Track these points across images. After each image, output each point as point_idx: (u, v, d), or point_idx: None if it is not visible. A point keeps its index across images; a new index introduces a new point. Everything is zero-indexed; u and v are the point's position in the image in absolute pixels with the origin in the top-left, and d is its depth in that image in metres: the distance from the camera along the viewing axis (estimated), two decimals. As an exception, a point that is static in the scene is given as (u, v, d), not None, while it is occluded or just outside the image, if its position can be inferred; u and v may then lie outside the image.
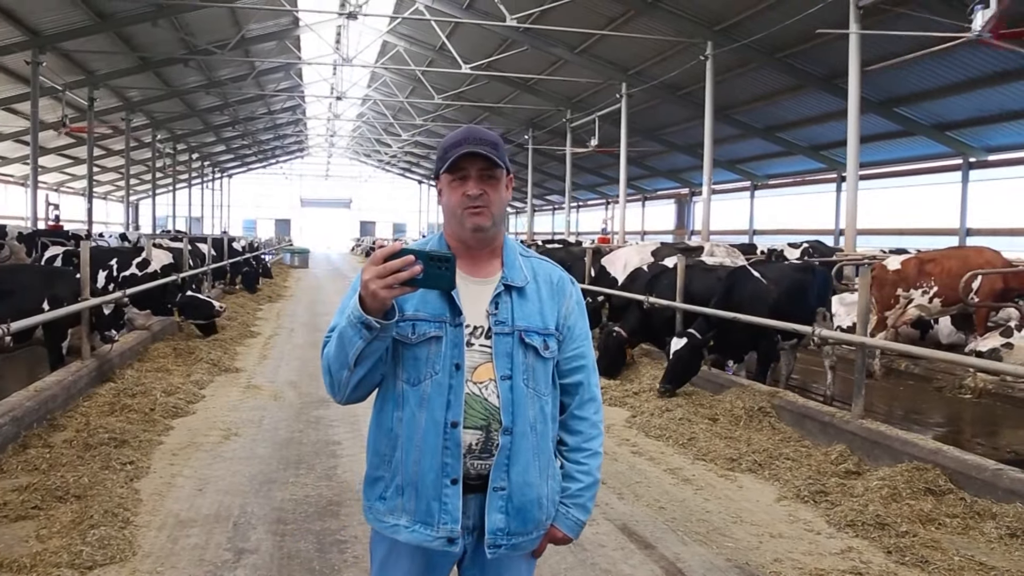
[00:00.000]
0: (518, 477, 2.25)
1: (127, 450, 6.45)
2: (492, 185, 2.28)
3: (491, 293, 2.31)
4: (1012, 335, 10.03)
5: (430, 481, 2.21)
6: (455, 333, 2.25)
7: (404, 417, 2.24)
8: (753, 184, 35.68)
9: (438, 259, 2.06)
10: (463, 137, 2.28)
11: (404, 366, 2.25)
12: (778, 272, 9.86)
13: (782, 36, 19.70)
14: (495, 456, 2.24)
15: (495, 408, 2.24)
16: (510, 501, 2.25)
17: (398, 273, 2.01)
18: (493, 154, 2.25)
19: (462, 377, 2.23)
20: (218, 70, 32.03)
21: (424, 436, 2.21)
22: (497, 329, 2.28)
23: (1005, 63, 18.43)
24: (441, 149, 2.32)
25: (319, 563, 4.58)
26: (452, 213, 2.30)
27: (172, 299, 11.78)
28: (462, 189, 2.27)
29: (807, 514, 5.57)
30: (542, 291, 2.38)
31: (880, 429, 6.71)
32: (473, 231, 2.29)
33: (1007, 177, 23.87)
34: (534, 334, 2.30)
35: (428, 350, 2.23)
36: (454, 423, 2.21)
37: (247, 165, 68.99)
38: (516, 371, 2.26)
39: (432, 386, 2.22)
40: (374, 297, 2.03)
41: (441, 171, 2.30)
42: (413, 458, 2.22)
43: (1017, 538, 4.92)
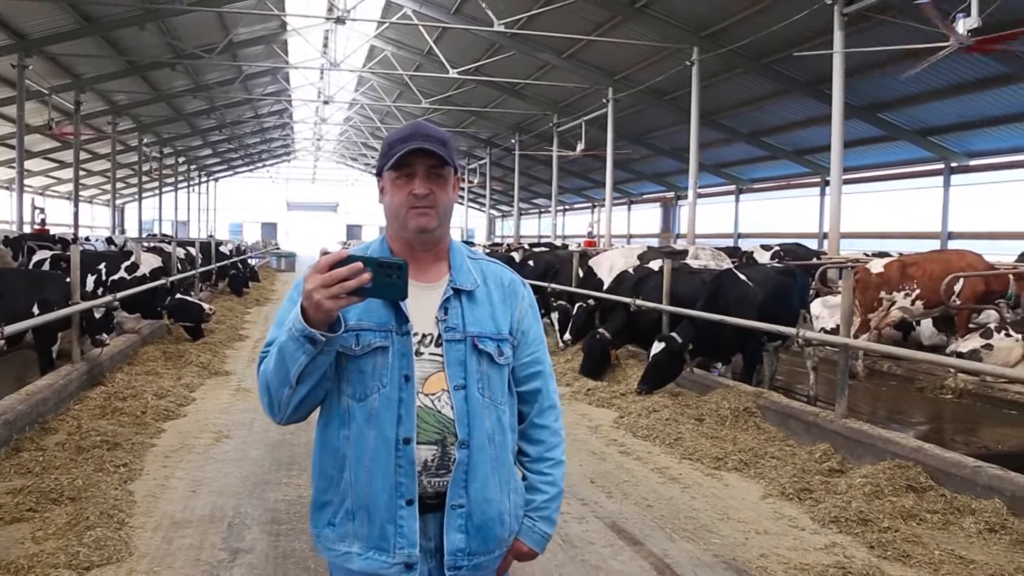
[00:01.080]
0: (477, 493, 2.11)
1: (120, 452, 6.50)
2: (439, 184, 2.13)
3: (439, 298, 2.16)
4: (992, 336, 10.22)
5: (383, 503, 2.06)
6: (403, 342, 2.09)
7: (351, 435, 2.08)
8: (738, 188, 35.93)
9: (388, 266, 1.89)
10: (410, 133, 2.14)
11: (349, 380, 2.09)
12: (763, 275, 9.99)
13: (767, 42, 19.90)
14: (452, 472, 2.09)
15: (449, 421, 2.09)
16: (470, 519, 2.11)
17: (345, 282, 1.85)
18: (442, 151, 2.11)
19: (412, 389, 2.07)
20: (205, 74, 32.02)
21: (374, 455, 2.05)
22: (448, 336, 2.13)
23: (986, 70, 18.69)
24: (385, 145, 2.17)
25: (314, 562, 4.65)
26: (395, 214, 2.15)
27: (162, 302, 11.82)
28: (407, 188, 2.12)
29: (792, 511, 5.69)
30: (493, 295, 2.24)
31: (863, 428, 6.84)
32: (417, 232, 2.14)
33: (988, 182, 24.19)
34: (487, 340, 2.16)
35: (374, 362, 2.07)
36: (406, 439, 2.05)
37: (233, 168, 68.86)
38: (470, 380, 2.12)
39: (380, 400, 2.06)
40: (318, 308, 1.87)
41: (385, 168, 2.15)
42: (363, 479, 2.06)
43: (995, 533, 5.06)
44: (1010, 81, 18.92)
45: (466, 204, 58.78)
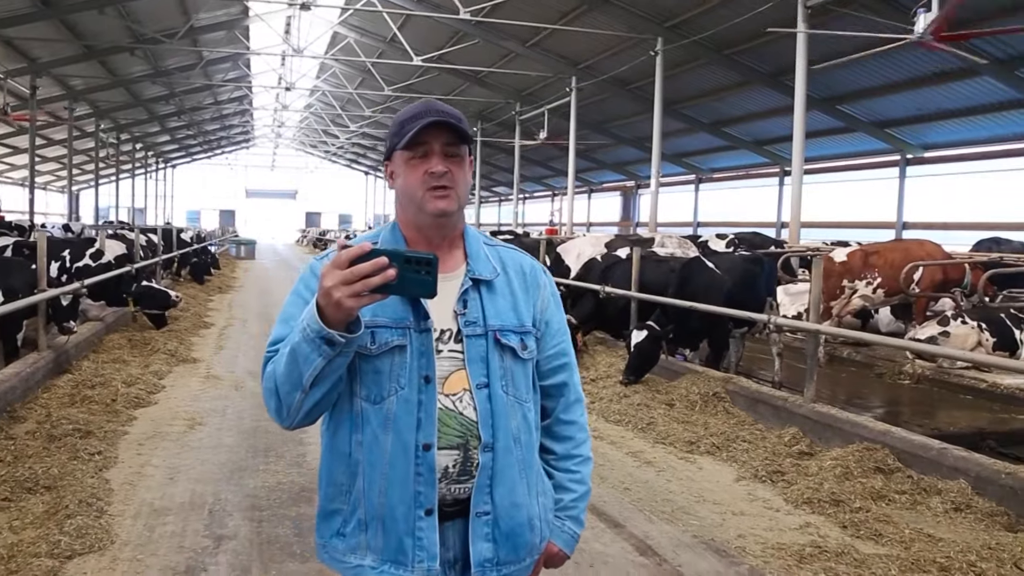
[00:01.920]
0: (504, 499, 1.97)
1: (93, 440, 6.44)
2: (457, 163, 1.96)
3: (456, 290, 1.99)
4: (949, 324, 10.50)
5: (400, 514, 1.90)
6: (422, 340, 1.93)
7: (364, 440, 1.92)
8: (698, 177, 36.30)
9: (417, 261, 1.71)
10: (423, 109, 1.97)
11: (363, 381, 1.92)
12: (730, 263, 10.14)
13: (730, 33, 20.12)
14: (475, 477, 1.94)
15: (472, 423, 1.94)
16: (497, 527, 1.97)
17: (368, 279, 1.67)
18: (460, 126, 1.95)
19: (433, 391, 1.92)
20: (165, 59, 31.49)
21: (391, 462, 1.90)
22: (468, 331, 1.97)
23: (943, 64, 19.08)
24: (396, 124, 1.99)
25: (299, 547, 4.67)
26: (410, 196, 1.96)
27: (128, 289, 11.68)
28: (423, 167, 1.93)
29: (765, 493, 5.83)
30: (514, 283, 2.08)
31: (831, 412, 7.01)
32: (436, 216, 1.96)
33: (942, 173, 24.72)
34: (510, 333, 2.01)
35: (391, 362, 1.91)
36: (426, 445, 1.90)
37: (192, 155, 67.94)
38: (493, 377, 1.96)
39: (398, 403, 1.90)
40: (338, 307, 1.69)
41: (397, 148, 1.97)
42: (378, 488, 1.91)
43: (961, 512, 5.24)
44: (965, 76, 19.33)
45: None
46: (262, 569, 4.37)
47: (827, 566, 4.47)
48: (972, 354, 9.12)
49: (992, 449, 6.59)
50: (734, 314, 8.74)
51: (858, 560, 4.52)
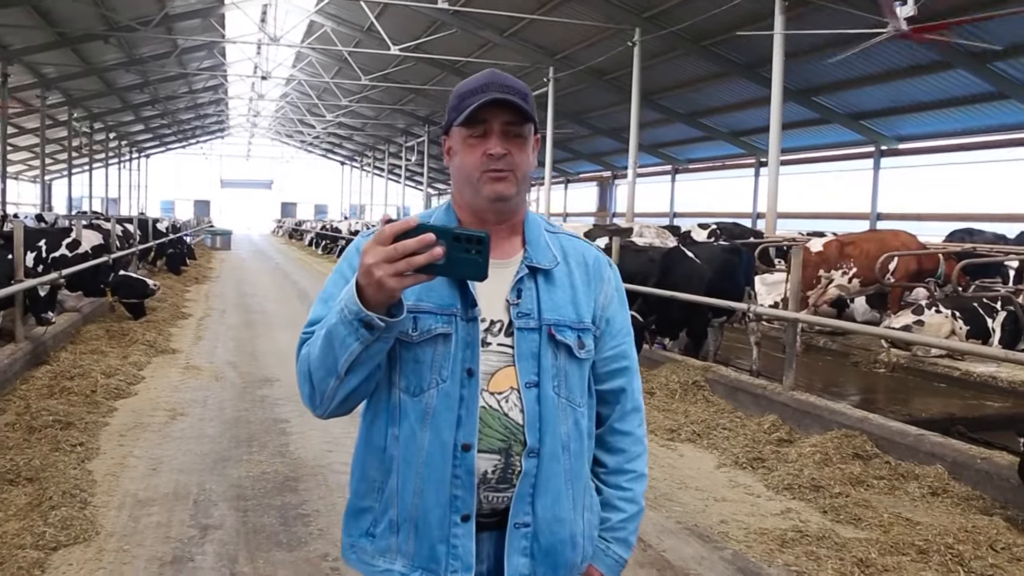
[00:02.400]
0: (546, 511, 1.80)
1: (74, 432, 6.39)
2: (518, 144, 1.81)
3: (511, 278, 1.82)
4: (923, 313, 10.66)
5: (435, 518, 1.75)
6: (468, 329, 1.77)
7: (401, 435, 1.77)
8: (674, 168, 36.45)
9: (467, 239, 1.56)
10: (485, 82, 1.82)
11: (402, 371, 1.77)
12: (710, 253, 10.23)
13: (708, 25, 20.21)
14: (516, 486, 1.78)
15: (517, 426, 1.78)
16: (536, 541, 1.80)
17: (413, 257, 1.52)
18: (523, 104, 1.79)
19: (476, 386, 1.76)
20: (139, 47, 31.09)
21: (427, 461, 1.75)
22: (520, 323, 1.80)
23: (918, 58, 19.29)
24: (455, 97, 1.85)
25: (285, 536, 4.68)
26: (467, 178, 1.81)
27: (105, 279, 11.59)
28: (481, 148, 1.79)
29: (746, 479, 5.91)
30: (574, 275, 1.90)
31: (810, 400, 7.12)
32: (493, 201, 1.81)
33: (916, 165, 25.01)
34: (566, 329, 1.83)
35: (433, 351, 1.76)
36: (466, 446, 1.74)
37: (166, 145, 67.21)
38: (544, 376, 1.79)
39: (438, 397, 1.75)
40: (379, 287, 1.54)
41: (454, 124, 1.82)
42: (413, 488, 1.76)
43: (938, 496, 5.35)
44: (940, 68, 19.56)
45: (403, 182, 58.41)
46: (249, 558, 4.38)
47: (808, 550, 4.55)
48: (946, 341, 9.26)
49: (962, 434, 6.73)
50: (715, 303, 8.83)
51: (839, 544, 4.60)
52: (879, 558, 4.41)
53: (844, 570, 4.29)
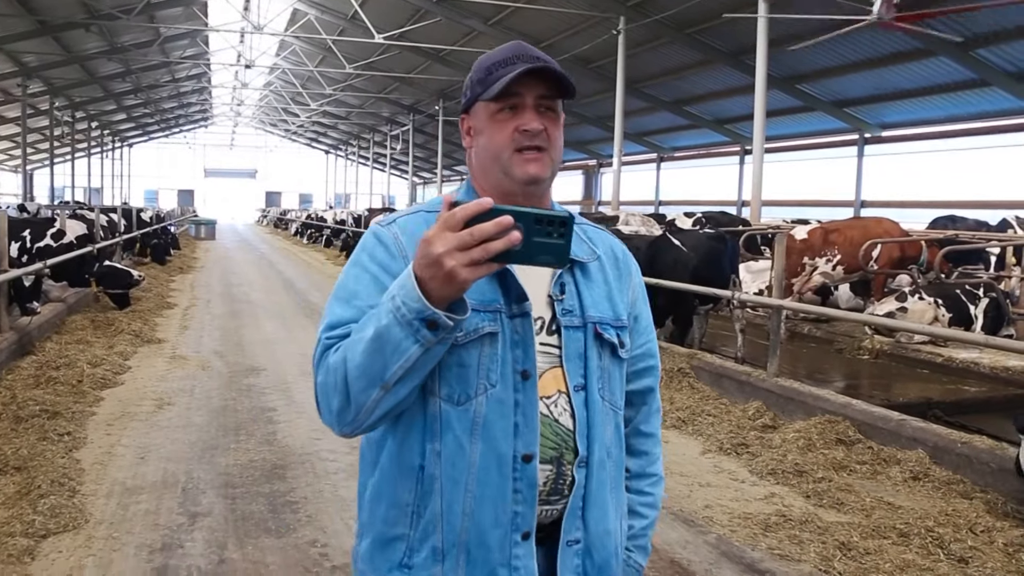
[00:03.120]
0: (597, 524, 1.65)
1: (61, 421, 6.39)
2: (552, 120, 1.64)
3: (549, 272, 1.65)
4: (906, 299, 10.76)
5: (494, 540, 1.57)
6: (516, 327, 1.59)
7: (444, 451, 1.57)
8: (660, 156, 36.51)
9: (548, 221, 1.38)
10: (515, 52, 1.66)
11: (443, 377, 1.57)
12: (696, 240, 10.28)
13: (692, 13, 20.24)
14: (568, 498, 1.63)
15: (568, 432, 1.62)
16: (588, 557, 1.65)
17: (490, 243, 1.34)
18: (564, 73, 1.63)
19: (534, 390, 1.59)
20: (121, 36, 30.84)
21: (480, 476, 1.56)
22: (565, 321, 1.65)
23: (900, 45, 19.36)
24: (481, 70, 1.67)
25: (274, 523, 4.72)
26: (495, 156, 1.64)
27: (89, 269, 11.54)
28: (514, 123, 1.61)
29: (731, 465, 5.97)
30: (607, 269, 1.76)
31: (794, 386, 7.19)
32: (527, 184, 1.63)
33: (899, 152, 25.15)
34: (608, 327, 1.70)
35: (480, 353, 1.57)
36: (527, 456, 1.57)
37: (149, 134, 66.77)
38: (591, 378, 1.65)
39: (488, 404, 1.56)
40: (449, 280, 1.35)
41: (480, 98, 1.65)
42: (463, 508, 1.57)
43: (919, 480, 5.43)
44: (922, 56, 19.65)
45: (388, 170, 58.27)
46: (238, 544, 4.41)
47: (792, 534, 4.62)
48: (928, 328, 9.36)
49: (939, 418, 6.82)
50: (700, 291, 8.88)
51: (821, 528, 4.67)
52: (861, 541, 4.48)
53: (826, 553, 4.35)
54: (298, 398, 7.72)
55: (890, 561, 4.22)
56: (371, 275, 1.60)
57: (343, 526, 4.68)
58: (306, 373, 8.78)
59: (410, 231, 1.64)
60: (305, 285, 18.63)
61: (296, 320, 12.94)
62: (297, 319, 13.06)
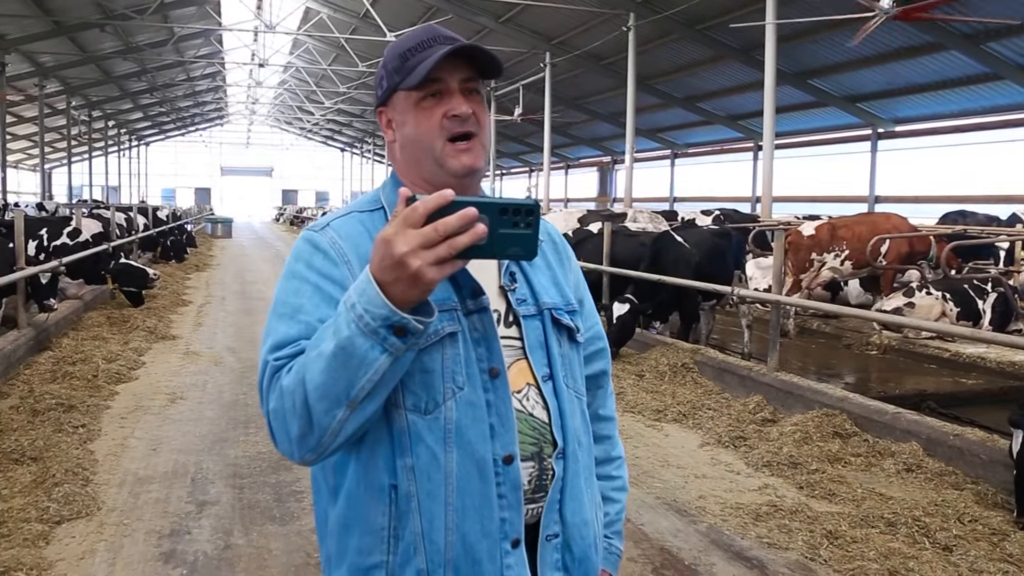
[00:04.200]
0: (575, 516, 1.58)
1: (76, 415, 6.59)
2: (479, 103, 1.56)
3: (495, 263, 1.58)
4: (914, 295, 10.81)
5: (484, 551, 1.47)
6: (475, 323, 1.51)
7: (417, 464, 1.46)
8: (673, 152, 36.52)
9: (514, 211, 1.30)
10: (429, 35, 1.56)
11: (407, 387, 1.46)
12: (698, 236, 10.38)
13: (701, 9, 20.28)
14: (548, 493, 1.56)
15: (544, 425, 1.56)
16: (568, 551, 1.57)
17: (455, 238, 1.25)
18: (488, 52, 1.56)
19: (505, 387, 1.51)
20: (136, 35, 31.19)
21: (460, 485, 1.46)
22: (522, 311, 1.58)
23: (912, 39, 19.33)
24: (395, 57, 1.57)
25: (279, 511, 4.87)
26: (426, 148, 1.54)
27: (106, 266, 11.77)
28: (440, 109, 1.52)
29: (727, 457, 6.08)
30: (547, 254, 1.71)
31: (793, 380, 7.28)
32: (463, 176, 1.55)
33: (912, 147, 25.06)
34: (563, 312, 1.64)
35: (442, 355, 1.47)
36: (507, 457, 1.49)
37: (165, 133, 67.35)
38: (555, 367, 1.59)
39: (460, 408, 1.47)
40: (415, 281, 1.26)
41: (399, 87, 1.55)
42: (446, 522, 1.46)
43: (912, 472, 5.51)
44: (934, 50, 19.60)
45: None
46: (243, 531, 4.57)
47: (781, 523, 4.73)
48: (933, 324, 9.42)
49: (932, 410, 6.91)
50: (699, 286, 8.97)
51: (811, 517, 4.78)
52: (849, 530, 4.58)
53: (814, 541, 4.46)
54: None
55: (875, 549, 4.33)
56: (312, 285, 1.49)
57: (345, 515, 4.83)
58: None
59: (347, 234, 1.55)
60: (318, 282, 18.76)
61: (308, 316, 13.08)
62: (309, 315, 13.20)
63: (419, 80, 1.49)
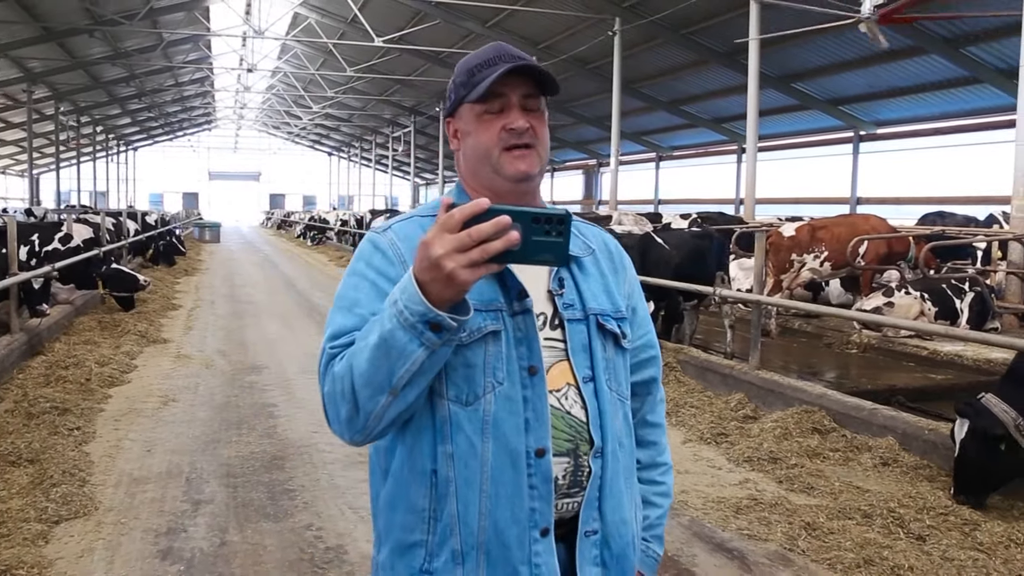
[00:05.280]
0: (613, 514, 1.67)
1: (71, 417, 6.69)
2: (537, 118, 1.69)
3: (546, 268, 1.69)
4: (893, 295, 11.02)
5: (513, 538, 1.58)
6: (518, 324, 1.62)
7: (456, 452, 1.58)
8: (658, 155, 36.76)
9: (546, 220, 1.40)
10: (496, 53, 1.69)
11: (450, 379, 1.58)
12: (679, 239, 10.55)
13: (686, 13, 20.49)
14: (586, 489, 1.64)
15: (582, 423, 1.65)
16: (607, 547, 1.66)
17: (489, 243, 1.36)
18: (546, 71, 1.68)
19: (542, 385, 1.61)
20: (125, 41, 31.23)
21: (494, 474, 1.58)
22: (567, 315, 1.68)
23: (893, 43, 19.51)
24: (463, 73, 1.71)
25: (272, 509, 5.01)
26: (484, 156, 1.68)
27: (97, 270, 11.85)
28: (500, 122, 1.66)
29: (709, 453, 6.25)
30: (602, 263, 1.80)
31: (774, 378, 7.46)
32: (517, 181, 1.68)
33: (894, 149, 25.38)
34: (609, 318, 1.73)
35: (485, 352, 1.59)
36: (540, 451, 1.59)
37: (153, 138, 67.18)
38: (598, 369, 1.68)
39: (497, 402, 1.58)
40: (450, 282, 1.37)
41: (464, 101, 1.69)
42: (479, 508, 1.58)
43: (888, 466, 5.69)
44: (915, 53, 19.89)
45: (390, 172, 58.58)
46: (238, 528, 4.70)
47: (761, 516, 4.89)
48: (914, 323, 9.62)
49: (901, 404, 7.10)
50: (680, 287, 9.15)
51: (789, 510, 4.95)
52: (826, 522, 4.75)
53: (792, 533, 4.63)
54: (298, 394, 8.01)
55: (852, 539, 4.49)
56: (370, 282, 1.63)
57: (337, 511, 4.97)
58: (307, 371, 9.08)
59: (406, 236, 1.67)
60: (307, 286, 18.93)
61: (298, 320, 13.23)
62: (299, 319, 13.35)
63: (481, 94, 1.63)
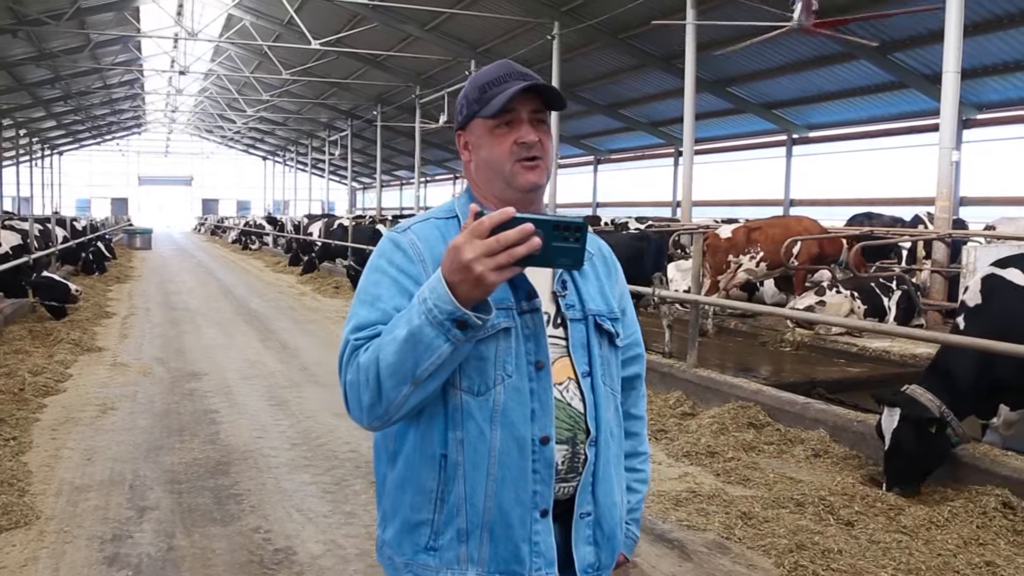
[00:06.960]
0: (605, 497, 1.84)
1: (5, 428, 6.57)
2: (544, 132, 1.83)
3: (550, 271, 1.83)
4: (825, 293, 11.36)
5: (516, 518, 1.73)
6: (526, 322, 1.76)
7: (467, 438, 1.72)
8: (596, 158, 37.12)
9: (565, 227, 1.54)
10: (506, 71, 1.83)
11: (464, 371, 1.72)
12: (615, 240, 10.74)
13: (624, 18, 20.75)
14: (581, 475, 1.81)
15: (579, 414, 1.81)
16: (599, 528, 1.84)
17: (514, 248, 1.49)
18: (555, 89, 1.82)
19: (548, 378, 1.76)
20: (50, 41, 30.33)
21: (501, 459, 1.72)
22: (570, 315, 1.84)
23: (824, 49, 20.16)
24: (476, 89, 1.83)
25: (219, 513, 5.00)
26: (497, 169, 1.81)
27: (27, 278, 11.58)
28: (512, 136, 1.79)
29: (650, 449, 6.37)
30: (597, 267, 1.97)
31: (711, 376, 7.68)
32: (527, 191, 1.81)
33: (825, 152, 26.04)
34: (605, 319, 1.90)
35: (496, 346, 1.73)
36: (544, 438, 1.74)
37: (80, 142, 65.38)
38: (594, 365, 1.85)
39: (506, 393, 1.73)
40: (478, 283, 1.51)
41: (478, 115, 1.82)
42: (485, 490, 1.72)
43: (819, 457, 5.93)
44: (844, 59, 20.47)
45: (327, 176, 58.08)
46: (186, 533, 4.69)
47: (700, 507, 5.05)
48: (844, 320, 9.95)
49: (820, 395, 7.44)
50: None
51: (727, 501, 5.12)
52: (761, 511, 4.92)
53: (729, 522, 4.80)
54: (239, 400, 7.97)
55: (785, 527, 4.68)
56: (391, 278, 1.76)
57: (284, 514, 4.99)
58: (247, 377, 9.03)
59: (425, 237, 1.81)
60: (244, 292, 18.73)
61: (236, 326, 13.09)
62: (237, 325, 13.21)
63: (495, 111, 1.77)
